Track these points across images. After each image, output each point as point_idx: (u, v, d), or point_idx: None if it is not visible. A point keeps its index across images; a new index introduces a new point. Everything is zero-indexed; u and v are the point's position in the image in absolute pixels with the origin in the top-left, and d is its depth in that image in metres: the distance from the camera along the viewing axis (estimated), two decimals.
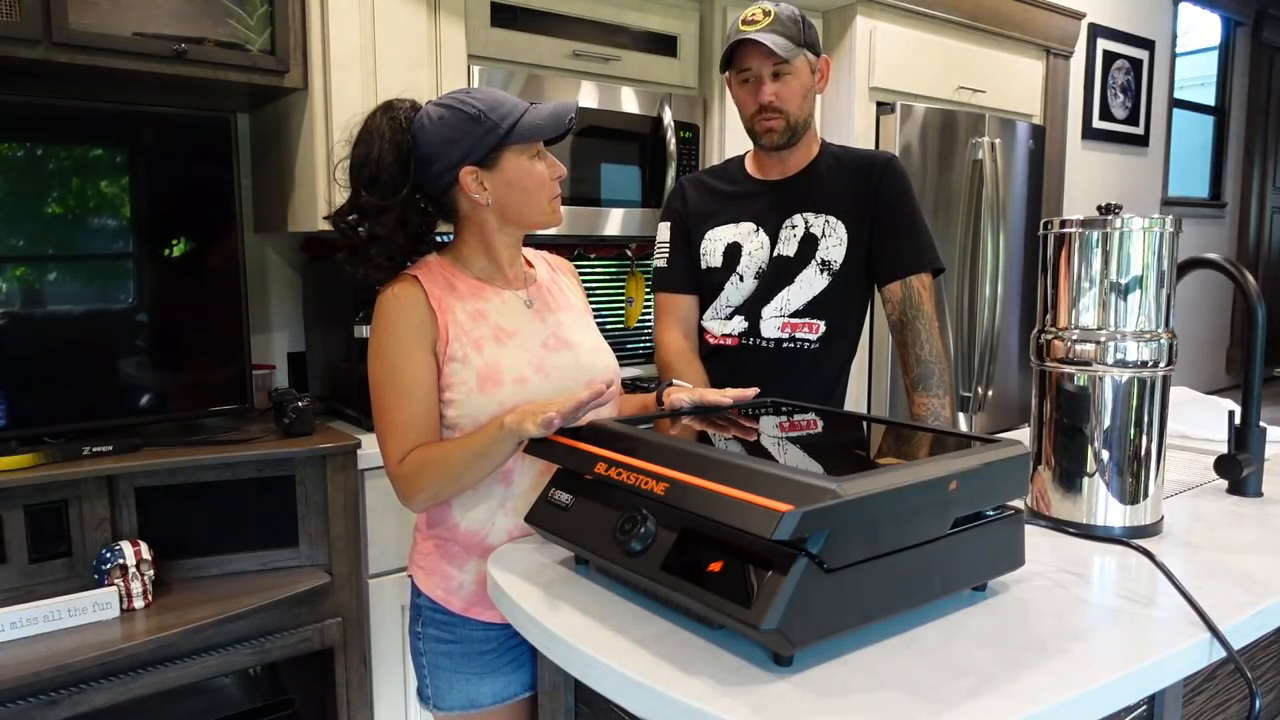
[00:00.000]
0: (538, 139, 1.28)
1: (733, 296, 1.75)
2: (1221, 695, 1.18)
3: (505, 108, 1.26)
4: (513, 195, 1.28)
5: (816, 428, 1.24)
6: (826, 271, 1.69)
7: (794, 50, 1.62)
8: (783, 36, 1.61)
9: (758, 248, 1.73)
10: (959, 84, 3.26)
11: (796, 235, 1.71)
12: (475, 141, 1.24)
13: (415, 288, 1.27)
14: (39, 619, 1.68)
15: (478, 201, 1.28)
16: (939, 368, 1.67)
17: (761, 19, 1.62)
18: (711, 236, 1.77)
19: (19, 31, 1.72)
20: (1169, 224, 1.21)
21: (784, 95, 1.65)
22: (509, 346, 1.28)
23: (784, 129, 1.67)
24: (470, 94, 1.27)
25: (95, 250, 1.93)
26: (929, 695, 0.79)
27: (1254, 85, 5.70)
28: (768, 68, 1.63)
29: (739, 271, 1.74)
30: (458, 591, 1.31)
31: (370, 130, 1.27)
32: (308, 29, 2.08)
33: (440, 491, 1.25)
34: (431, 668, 1.33)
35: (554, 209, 1.32)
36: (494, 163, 1.26)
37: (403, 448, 1.24)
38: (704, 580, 0.88)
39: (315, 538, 2.03)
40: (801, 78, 1.66)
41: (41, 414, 1.86)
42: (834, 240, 1.69)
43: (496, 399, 1.25)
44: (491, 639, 1.31)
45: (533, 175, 1.28)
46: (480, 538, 1.29)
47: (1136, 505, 1.23)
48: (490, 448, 1.20)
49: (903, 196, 1.71)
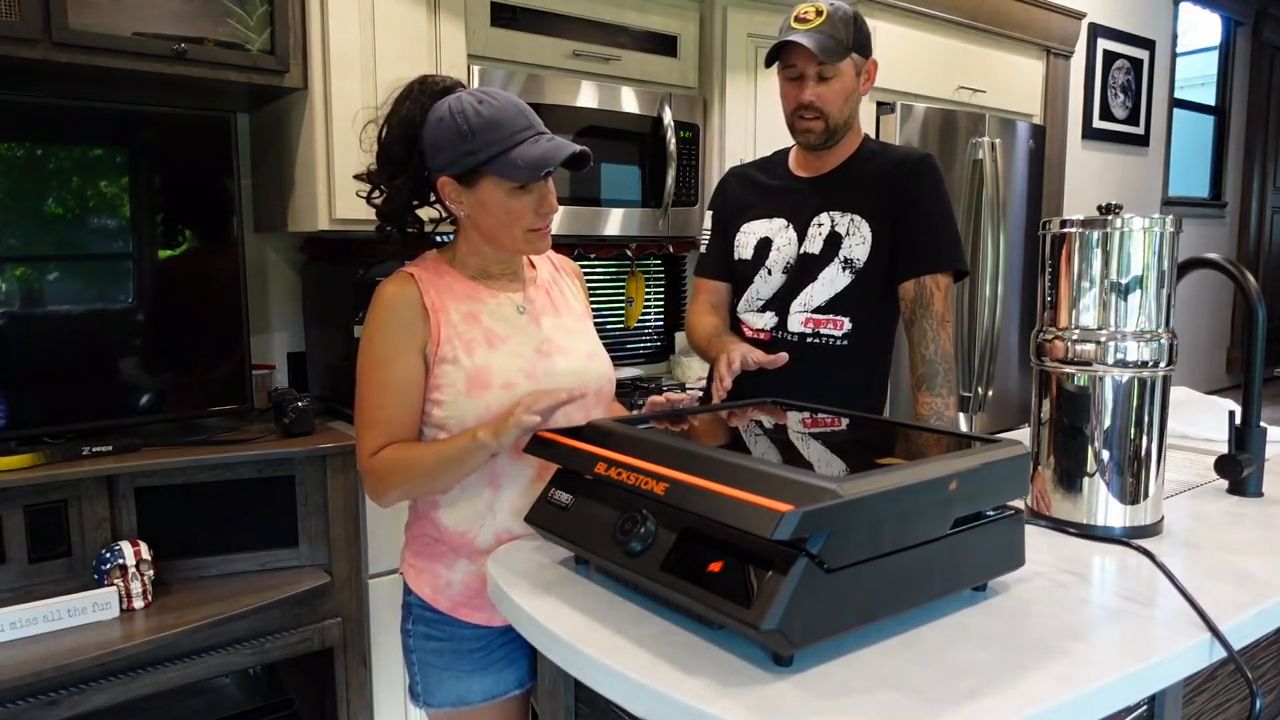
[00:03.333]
0: (515, 181, 1.22)
1: (762, 290, 1.77)
2: (1222, 695, 1.18)
3: (500, 133, 1.20)
4: (485, 219, 1.26)
5: (817, 427, 1.24)
6: (849, 269, 1.70)
7: (839, 54, 1.61)
8: (831, 38, 1.60)
9: (786, 243, 1.75)
10: (959, 84, 3.26)
11: (822, 233, 1.72)
12: (458, 157, 1.22)
13: (411, 287, 1.27)
14: (39, 619, 1.68)
15: (454, 211, 1.29)
16: (944, 368, 1.67)
17: (813, 18, 1.61)
18: (746, 230, 1.81)
19: (19, 31, 1.72)
20: (1169, 224, 1.21)
21: (826, 97, 1.65)
22: (500, 351, 1.28)
23: (822, 130, 1.68)
24: (482, 104, 1.22)
25: (95, 250, 1.93)
26: (929, 695, 0.79)
27: (1254, 85, 5.70)
28: (812, 68, 1.63)
29: (768, 265, 1.76)
30: (445, 590, 1.31)
31: (399, 101, 1.28)
32: (307, 29, 2.08)
33: (409, 492, 1.28)
34: (422, 665, 1.34)
35: (530, 241, 1.28)
36: (472, 183, 1.24)
37: (376, 444, 1.26)
38: (704, 580, 0.88)
39: (315, 538, 2.03)
40: (845, 80, 1.65)
41: (41, 414, 1.86)
42: (858, 239, 1.70)
43: (484, 402, 1.25)
44: (480, 637, 1.32)
45: (507, 209, 1.24)
46: (468, 539, 1.30)
47: (1137, 505, 1.23)
48: (463, 457, 1.22)
49: (928, 195, 1.70)
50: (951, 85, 3.23)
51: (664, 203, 2.64)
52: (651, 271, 3.25)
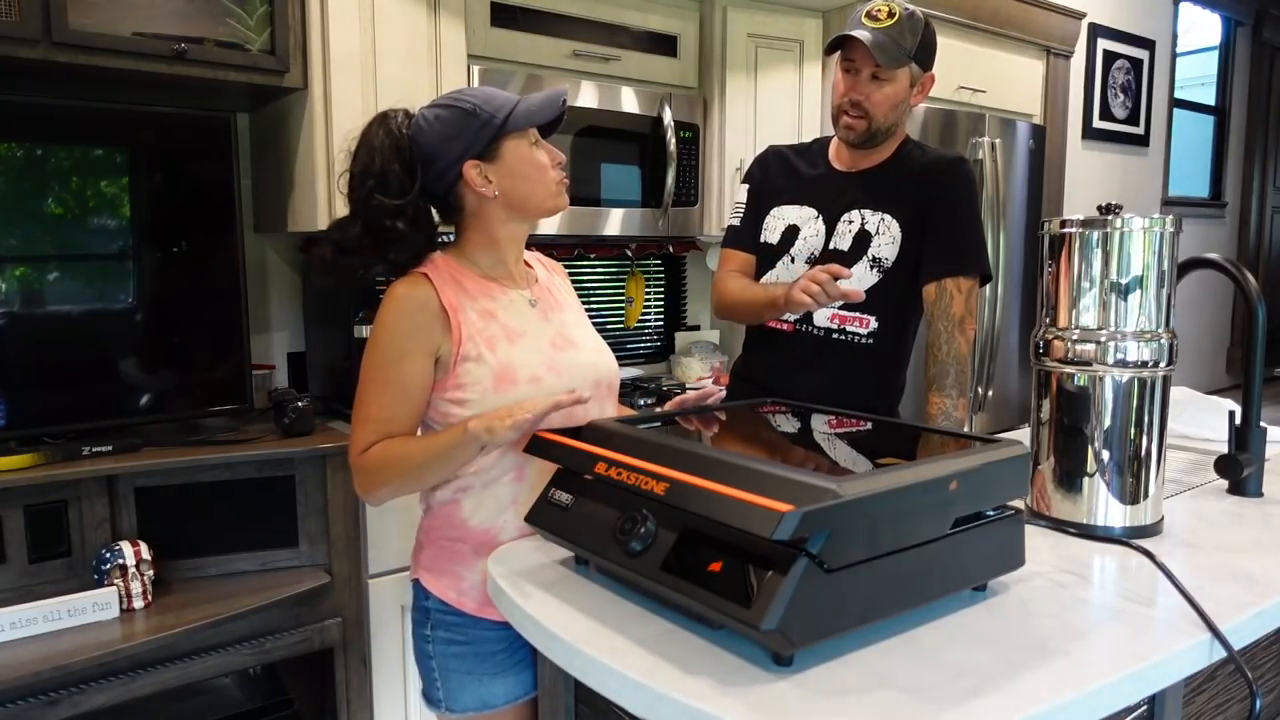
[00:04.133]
0: (533, 124, 1.29)
1: (784, 277, 1.76)
2: (1222, 695, 1.18)
3: (498, 100, 1.28)
4: (517, 183, 1.29)
5: (817, 427, 1.24)
6: (877, 268, 1.70)
7: (898, 61, 1.61)
8: (895, 43, 1.59)
9: (813, 234, 1.75)
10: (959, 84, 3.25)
11: (852, 230, 1.72)
12: (474, 135, 1.25)
13: (426, 288, 1.26)
14: (39, 619, 1.68)
15: (484, 194, 1.28)
16: (956, 369, 1.67)
17: (884, 18, 1.60)
18: (776, 214, 1.80)
19: (19, 31, 1.72)
20: (1169, 224, 1.21)
21: (875, 99, 1.64)
22: (520, 346, 1.29)
23: (864, 130, 1.67)
24: (462, 93, 1.29)
25: (95, 250, 1.93)
26: (929, 695, 0.79)
27: (1254, 85, 5.70)
28: (868, 67, 1.62)
29: (792, 254, 1.76)
30: (470, 593, 1.30)
31: (369, 140, 1.27)
32: (307, 29, 2.08)
33: (399, 489, 1.27)
34: (443, 670, 1.33)
35: (560, 192, 1.33)
36: (495, 154, 1.28)
37: (369, 441, 1.25)
38: (704, 580, 0.88)
39: (315, 538, 2.03)
40: (898, 87, 1.65)
41: (41, 414, 1.86)
42: (887, 238, 1.70)
43: (511, 397, 1.24)
44: (503, 639, 1.30)
45: (534, 162, 1.30)
46: (491, 535, 1.29)
47: (1137, 505, 1.23)
48: (453, 451, 1.21)
49: (957, 198, 1.69)
50: (951, 85, 3.23)
51: (664, 203, 2.64)
52: (651, 271, 3.25)
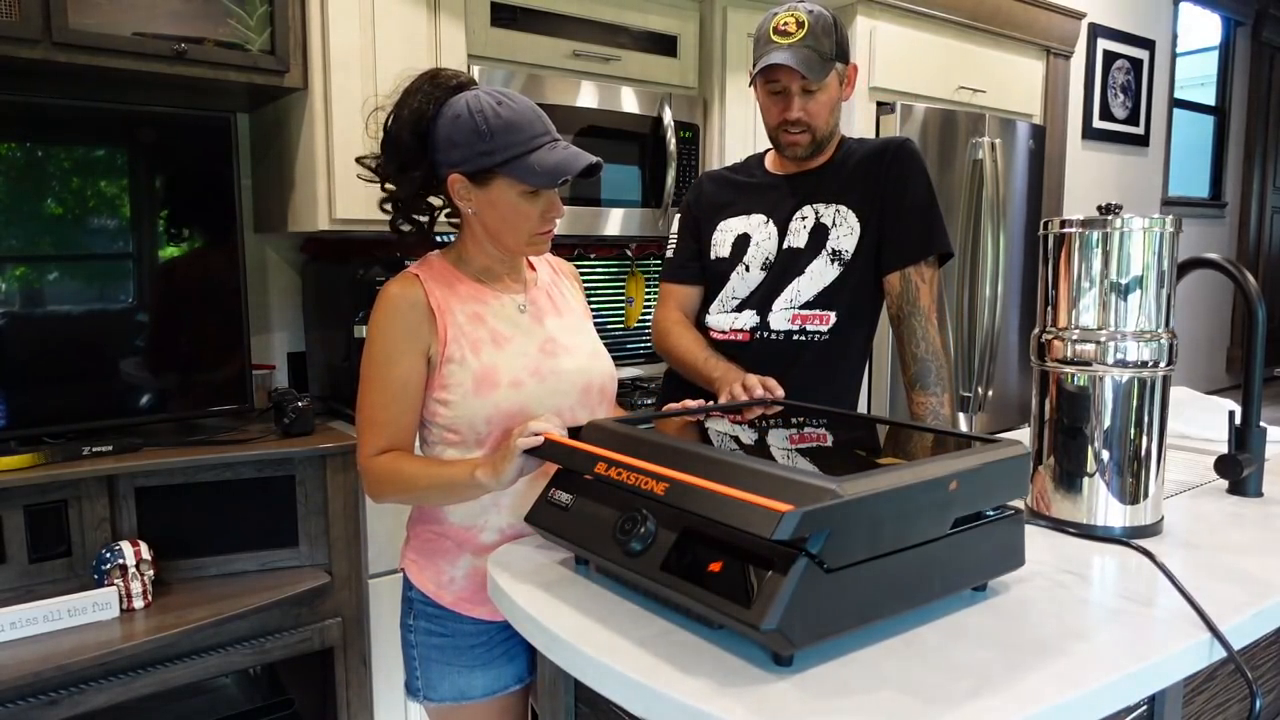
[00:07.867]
0: (527, 185, 1.24)
1: (739, 288, 1.73)
2: (1222, 695, 1.18)
3: (518, 136, 1.22)
4: (492, 218, 1.27)
5: (817, 428, 1.24)
6: (838, 261, 1.67)
7: (825, 70, 1.59)
8: (815, 52, 1.58)
9: (765, 239, 1.72)
10: (959, 84, 3.26)
11: (806, 226, 1.69)
12: (473, 155, 1.23)
13: (415, 288, 1.27)
14: (39, 619, 1.68)
15: (462, 208, 1.29)
16: (936, 365, 1.65)
17: (795, 31, 1.58)
18: (723, 228, 1.77)
19: (19, 31, 1.72)
20: (1169, 224, 1.21)
21: (813, 111, 1.63)
22: (506, 350, 1.29)
23: (809, 143, 1.67)
24: (501, 105, 1.23)
25: (95, 250, 1.93)
26: (929, 695, 0.79)
27: (1254, 85, 5.69)
28: (797, 83, 1.60)
29: (745, 262, 1.73)
30: (448, 586, 1.32)
31: (409, 94, 1.27)
32: (307, 29, 2.08)
33: (402, 502, 1.32)
34: (423, 660, 1.35)
35: (534, 244, 1.30)
36: (484, 183, 1.25)
37: (376, 445, 1.27)
38: (704, 580, 0.88)
39: (315, 538, 2.03)
40: (830, 92, 1.64)
41: (41, 414, 1.86)
42: (845, 230, 1.67)
43: (492, 401, 1.26)
44: (483, 633, 1.32)
45: (517, 210, 1.26)
46: (472, 534, 1.31)
47: (1136, 505, 1.23)
48: (458, 490, 1.24)
49: (911, 179, 1.67)
50: (951, 85, 3.23)
51: (664, 203, 2.64)
52: (651, 271, 3.25)
